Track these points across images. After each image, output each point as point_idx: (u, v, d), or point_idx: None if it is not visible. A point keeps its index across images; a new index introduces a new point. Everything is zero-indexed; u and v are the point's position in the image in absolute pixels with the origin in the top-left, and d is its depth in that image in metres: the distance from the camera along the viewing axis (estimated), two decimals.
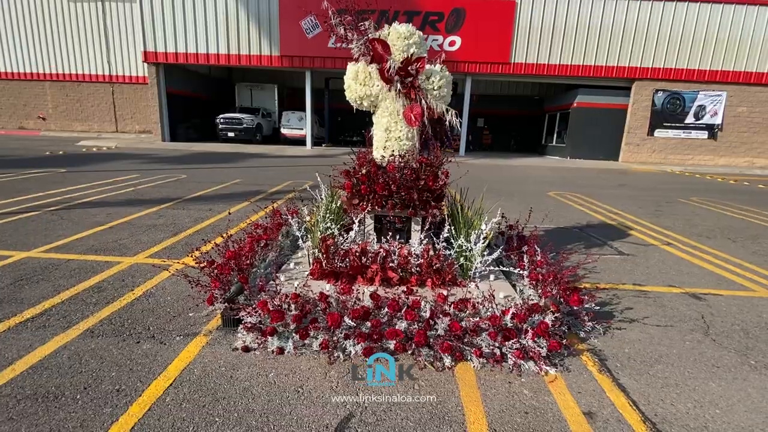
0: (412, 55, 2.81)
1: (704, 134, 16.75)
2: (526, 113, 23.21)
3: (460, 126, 2.83)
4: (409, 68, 2.77)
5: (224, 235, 4.25)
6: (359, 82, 2.91)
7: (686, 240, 5.08)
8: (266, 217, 4.08)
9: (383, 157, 3.04)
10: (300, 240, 3.14)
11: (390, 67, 2.73)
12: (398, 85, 2.80)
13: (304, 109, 18.66)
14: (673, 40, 15.83)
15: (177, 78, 18.53)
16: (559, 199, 7.85)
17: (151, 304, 2.78)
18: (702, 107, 16.41)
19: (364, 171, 2.95)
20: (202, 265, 2.72)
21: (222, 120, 18.39)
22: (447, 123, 2.87)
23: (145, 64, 17.70)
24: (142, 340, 2.33)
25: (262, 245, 3.26)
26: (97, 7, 21.62)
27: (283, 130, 19.96)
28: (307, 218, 4.17)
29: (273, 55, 16.59)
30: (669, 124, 16.65)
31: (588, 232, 5.26)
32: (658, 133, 16.76)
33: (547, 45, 16.08)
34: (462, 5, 15.75)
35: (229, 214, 5.11)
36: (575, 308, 2.57)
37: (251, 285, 2.59)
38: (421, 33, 2.94)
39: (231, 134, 18.36)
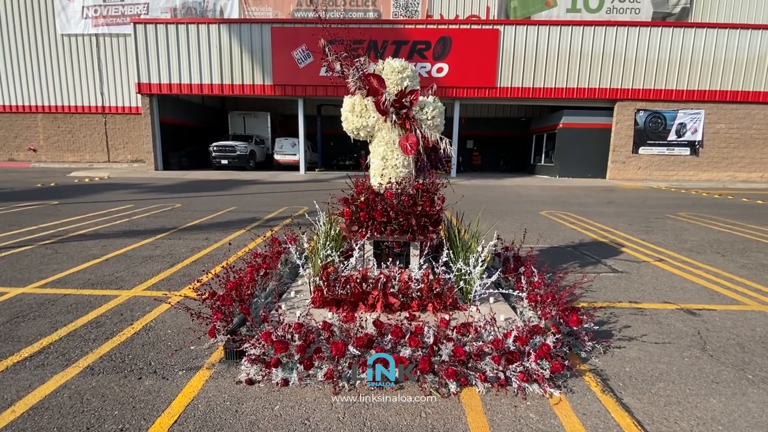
0: (406, 87, 2.94)
1: (686, 150, 17.30)
2: (514, 134, 23.79)
3: (462, 152, 2.94)
4: (403, 100, 2.89)
5: (223, 264, 4.26)
6: (356, 114, 3.02)
7: (677, 255, 5.20)
8: (265, 245, 4.11)
9: (380, 184, 3.12)
10: (300, 268, 3.17)
11: (385, 99, 2.86)
12: (393, 116, 2.92)
13: (296, 136, 18.94)
14: (650, 63, 16.57)
15: (170, 107, 18.77)
16: (551, 218, 7.99)
17: (151, 338, 2.76)
18: (683, 125, 17.03)
19: (362, 198, 3.02)
20: (203, 297, 2.73)
21: (215, 148, 18.55)
22: (441, 150, 2.97)
23: (139, 95, 17.93)
24: (144, 375, 2.30)
25: (261, 274, 3.28)
26: (91, 41, 22.06)
27: (277, 156, 20.16)
28: (306, 245, 4.20)
29: (266, 85, 16.96)
30: (652, 142, 17.19)
31: (581, 251, 5.35)
32: (643, 150, 17.28)
33: (531, 69, 16.70)
34: (448, 34, 16.40)
35: (230, 244, 5.11)
36: (575, 328, 2.61)
37: (253, 315, 2.60)
38: (413, 66, 3.08)
39: (224, 161, 18.48)
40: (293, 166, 19.46)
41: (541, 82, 16.82)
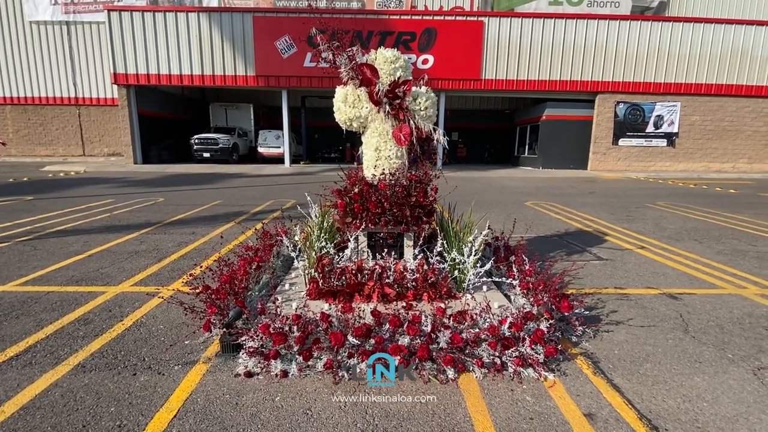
0: (399, 78, 2.93)
1: (663, 142, 17.82)
2: (498, 126, 24.04)
3: (447, 144, 2.96)
4: (396, 91, 2.88)
5: (214, 258, 4.19)
6: (349, 105, 3.00)
7: (657, 243, 5.38)
8: (256, 238, 4.06)
9: (374, 175, 3.12)
10: (295, 260, 3.15)
11: (379, 90, 2.84)
12: (387, 106, 2.91)
13: (280, 128, 18.65)
14: (630, 56, 16.92)
15: (148, 99, 18.18)
16: (537, 208, 8.14)
17: (143, 333, 2.71)
18: (660, 117, 17.51)
19: (356, 190, 3.01)
20: (197, 290, 2.69)
21: (197, 140, 18.11)
22: (435, 141, 2.99)
23: (115, 86, 17.30)
24: (139, 371, 2.26)
25: (254, 267, 3.25)
26: (62, 29, 21.09)
27: (260, 149, 19.83)
28: (296, 237, 4.17)
29: (249, 75, 16.58)
30: (631, 134, 17.64)
31: (567, 240, 5.48)
32: (622, 142, 17.71)
33: (515, 61, 16.84)
34: (433, 25, 16.34)
35: (221, 237, 5.02)
36: (566, 314, 2.68)
37: (249, 308, 2.58)
38: (406, 57, 3.07)
39: (206, 155, 18.07)
40: (278, 159, 19.18)
41: (524, 75, 16.99)
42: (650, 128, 17.62)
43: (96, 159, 21.04)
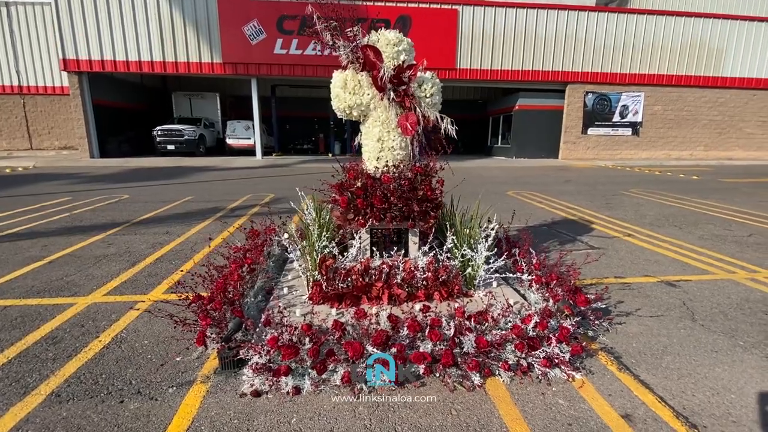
0: (403, 62, 2.71)
1: (629, 131, 18.55)
2: (471, 117, 24.17)
3: (456, 134, 2.78)
4: (401, 76, 2.67)
5: (197, 259, 3.85)
6: (349, 91, 2.76)
7: (641, 230, 5.50)
8: (246, 238, 3.76)
9: (377, 168, 2.90)
10: (295, 261, 2.90)
11: (383, 74, 2.62)
12: (391, 93, 2.69)
13: (249, 118, 17.87)
14: (597, 47, 17.38)
15: (104, 87, 16.87)
16: (519, 198, 8.18)
17: (125, 351, 2.39)
18: (625, 107, 18.18)
19: (359, 184, 2.79)
20: (184, 298, 2.40)
21: (160, 132, 17.04)
22: (442, 131, 2.81)
23: (65, 73, 15.90)
24: (127, 398, 1.97)
25: (246, 270, 2.97)
26: (1, 11, 19.08)
27: (229, 141, 18.99)
28: (284, 236, 3.90)
29: (215, 63, 15.70)
30: (600, 123, 18.23)
31: (556, 229, 5.50)
32: (591, 131, 18.28)
33: (488, 51, 16.88)
34: (408, 13, 16.06)
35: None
36: (582, 308, 2.61)
37: (247, 317, 2.32)
38: (409, 40, 2.85)
39: (171, 147, 17.06)
40: (248, 151, 18.44)
41: (498, 64, 17.09)
42: (616, 118, 18.27)
43: (45, 153, 19.37)
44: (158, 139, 16.98)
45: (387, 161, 2.87)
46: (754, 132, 19.25)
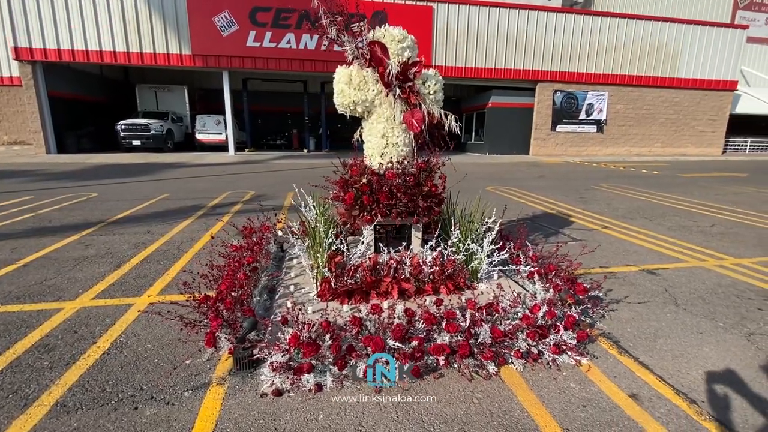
0: (408, 59, 2.73)
1: (594, 128, 19.44)
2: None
3: (460, 130, 2.84)
4: (407, 72, 2.69)
5: (187, 259, 3.72)
6: (354, 87, 2.75)
7: (616, 222, 5.82)
8: (242, 237, 3.67)
9: (381, 164, 2.92)
10: (295, 259, 2.87)
11: (390, 71, 2.63)
12: (397, 89, 2.71)
13: (218, 112, 17.28)
14: (565, 47, 18.05)
15: (60, 78, 15.77)
16: (499, 193, 8.42)
17: (129, 357, 2.29)
18: (591, 105, 19.03)
19: (364, 180, 2.80)
20: (194, 298, 2.33)
21: (124, 126, 16.14)
22: (446, 128, 2.86)
23: (16, 63, 14.73)
24: (141, 404, 1.90)
25: (250, 269, 2.92)
26: None
27: (199, 136, 18.28)
28: (279, 233, 3.85)
29: (184, 54, 15.03)
30: (567, 121, 18.99)
31: (539, 223, 5.71)
32: (559, 128, 19.01)
33: (463, 49, 17.16)
34: (383, 8, 16.01)
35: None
36: (581, 297, 2.75)
37: (272, 318, 2.29)
38: (413, 37, 2.88)
39: (136, 142, 16.22)
40: (219, 147, 17.84)
41: (472, 62, 17.40)
42: (583, 116, 19.10)
43: None
44: (122, 134, 16.09)
45: (391, 157, 2.89)
46: (705, 130, 20.69)
